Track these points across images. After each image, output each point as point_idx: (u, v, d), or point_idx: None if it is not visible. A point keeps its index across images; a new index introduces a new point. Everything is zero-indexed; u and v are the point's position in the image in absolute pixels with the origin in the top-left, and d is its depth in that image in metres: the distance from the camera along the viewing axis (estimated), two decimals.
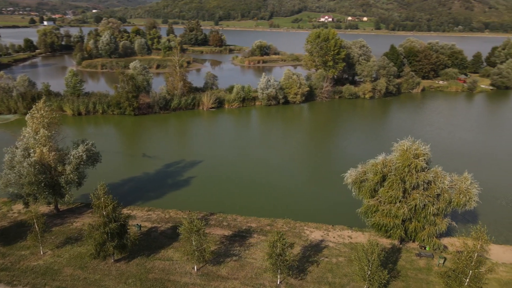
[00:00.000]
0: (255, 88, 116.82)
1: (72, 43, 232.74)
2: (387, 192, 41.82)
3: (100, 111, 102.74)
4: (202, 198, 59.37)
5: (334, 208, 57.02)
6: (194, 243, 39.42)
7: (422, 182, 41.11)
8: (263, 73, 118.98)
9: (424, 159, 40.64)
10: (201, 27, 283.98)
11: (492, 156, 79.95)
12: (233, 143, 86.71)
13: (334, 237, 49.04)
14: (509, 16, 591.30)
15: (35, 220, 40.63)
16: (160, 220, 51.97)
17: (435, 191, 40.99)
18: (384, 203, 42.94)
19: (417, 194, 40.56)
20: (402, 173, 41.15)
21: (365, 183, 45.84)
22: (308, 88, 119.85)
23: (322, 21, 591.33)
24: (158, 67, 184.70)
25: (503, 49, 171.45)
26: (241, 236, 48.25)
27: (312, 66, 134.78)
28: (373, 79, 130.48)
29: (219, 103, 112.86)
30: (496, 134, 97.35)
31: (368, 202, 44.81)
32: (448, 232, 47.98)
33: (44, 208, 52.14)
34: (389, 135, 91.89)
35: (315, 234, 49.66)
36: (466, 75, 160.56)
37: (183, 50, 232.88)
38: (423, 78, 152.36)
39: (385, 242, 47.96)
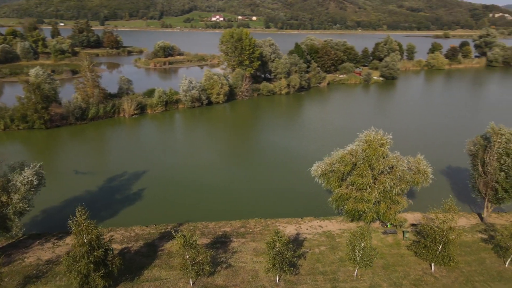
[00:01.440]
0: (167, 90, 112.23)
1: None
2: (359, 179, 45.49)
3: (2, 127, 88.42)
4: (162, 209, 56.30)
5: (296, 201, 59.49)
6: (188, 256, 37.55)
7: (387, 167, 45.79)
8: (184, 75, 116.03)
9: (388, 147, 45.34)
10: (92, 28, 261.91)
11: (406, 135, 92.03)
12: (170, 149, 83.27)
13: (307, 229, 51.34)
14: (375, 15, 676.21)
15: None
16: (127, 239, 47.76)
17: (398, 173, 46.06)
18: (356, 190, 46.58)
19: (385, 179, 45.06)
20: (370, 161, 45.20)
21: (333, 174, 49.07)
22: (228, 88, 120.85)
23: (214, 21, 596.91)
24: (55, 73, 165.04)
25: (385, 44, 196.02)
26: (221, 243, 47.29)
27: (229, 65, 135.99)
28: (286, 76, 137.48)
29: (141, 109, 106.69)
30: (399, 116, 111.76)
31: (340, 191, 48.06)
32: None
33: None
34: (314, 127, 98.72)
35: (289, 228, 51.28)
36: (358, 68, 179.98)
37: (74, 54, 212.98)
38: (325, 72, 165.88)
39: (353, 226, 52.12)
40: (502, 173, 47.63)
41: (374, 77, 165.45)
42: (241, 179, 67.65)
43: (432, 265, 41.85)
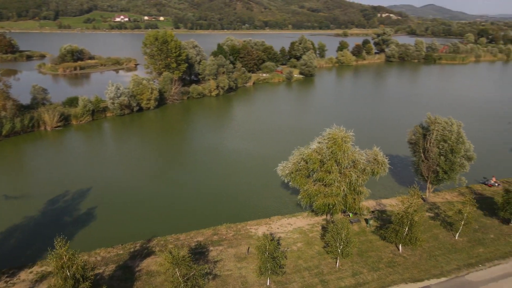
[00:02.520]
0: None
1: None
2: (327, 175, 47.91)
3: None
4: (122, 227, 52.52)
5: (260, 202, 60.24)
6: (179, 273, 35.88)
7: (350, 161, 48.99)
8: (110, 81, 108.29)
9: (352, 143, 48.54)
10: None
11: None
12: (108, 161, 77.38)
13: (278, 228, 52.46)
14: (280, 15, 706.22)
15: None
16: (94, 265, 43.59)
17: (360, 166, 49.59)
18: (324, 186, 48.97)
19: (351, 172, 48.20)
20: (336, 157, 47.90)
21: (300, 172, 50.89)
22: (158, 93, 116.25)
23: (119, 21, 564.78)
24: None
25: (300, 43, 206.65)
26: (199, 253, 45.86)
27: (155, 69, 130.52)
28: (214, 77, 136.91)
29: (65, 120, 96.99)
30: (331, 111, 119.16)
31: (308, 188, 50.03)
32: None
33: None
34: (253, 127, 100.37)
35: (261, 230, 51.79)
36: (278, 67, 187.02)
37: None
38: (249, 72, 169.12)
39: (319, 220, 54.76)
40: (442, 157, 54.34)
41: (295, 75, 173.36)
42: (195, 186, 65.98)
43: (400, 246, 46.14)
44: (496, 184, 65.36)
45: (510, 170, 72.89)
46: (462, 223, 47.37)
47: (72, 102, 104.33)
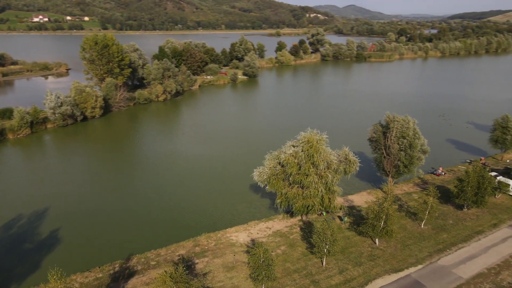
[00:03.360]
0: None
1: None
2: (305, 178, 49.37)
3: None
4: (95, 248, 49.33)
5: (231, 208, 60.00)
6: None
7: (325, 163, 50.98)
8: (47, 90, 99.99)
9: (327, 145, 50.49)
10: None
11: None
12: (61, 177, 71.55)
13: (258, 233, 52.81)
14: (212, 15, 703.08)
15: None
16: None
17: (334, 166, 51.80)
18: (303, 188, 50.41)
19: (327, 174, 50.20)
20: (312, 159, 49.53)
21: (277, 176, 51.81)
22: (103, 100, 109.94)
23: (37, 22, 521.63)
24: None
25: (240, 45, 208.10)
26: (185, 267, 44.48)
27: (96, 75, 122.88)
28: (160, 82, 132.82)
29: None
30: (283, 111, 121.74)
31: (287, 191, 51.11)
32: None
33: None
34: (208, 130, 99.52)
35: (241, 237, 51.80)
36: (222, 68, 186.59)
37: None
38: (193, 75, 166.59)
39: (294, 221, 56.07)
40: (402, 153, 58.70)
41: (239, 76, 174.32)
42: (163, 197, 63.81)
43: (377, 240, 49.10)
44: (443, 173, 72.10)
45: (450, 160, 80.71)
46: (427, 212, 51.68)
47: (4, 114, 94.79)
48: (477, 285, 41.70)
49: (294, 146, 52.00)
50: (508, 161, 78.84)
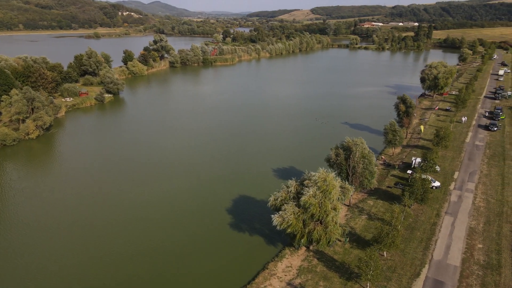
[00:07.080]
0: None
1: None
2: (327, 216, 53.58)
3: None
4: None
5: (237, 251, 58.50)
6: None
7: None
8: None
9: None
10: None
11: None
12: None
13: (286, 275, 54.05)
14: (3, 13, 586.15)
15: None
16: None
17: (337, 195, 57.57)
18: (321, 223, 54.56)
19: (338, 204, 55.67)
20: (329, 195, 54.01)
21: (298, 217, 54.21)
22: None
23: None
24: None
25: (89, 57, 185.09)
26: None
27: None
28: (26, 116, 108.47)
29: None
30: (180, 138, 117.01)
31: (310, 229, 54.19)
32: None
33: None
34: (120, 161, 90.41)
35: (276, 284, 52.17)
36: (82, 89, 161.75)
37: None
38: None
39: (301, 252, 59.35)
40: (367, 171, 69.07)
41: (105, 95, 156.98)
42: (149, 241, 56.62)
43: (385, 252, 57.75)
44: None
45: None
46: (402, 219, 63.38)
47: None
48: (469, 269, 55.28)
49: (309, 187, 54.76)
50: (404, 156, 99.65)
